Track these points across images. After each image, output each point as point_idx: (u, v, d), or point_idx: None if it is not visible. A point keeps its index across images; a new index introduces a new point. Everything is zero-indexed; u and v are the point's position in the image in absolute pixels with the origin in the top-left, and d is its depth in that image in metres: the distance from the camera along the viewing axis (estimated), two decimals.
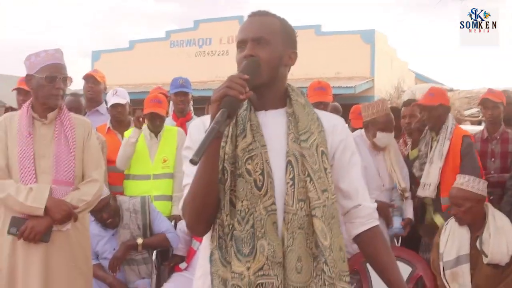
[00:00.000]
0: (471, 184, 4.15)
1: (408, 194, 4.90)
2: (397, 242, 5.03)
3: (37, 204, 3.30)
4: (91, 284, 3.71)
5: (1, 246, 3.37)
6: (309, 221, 1.90)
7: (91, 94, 6.12)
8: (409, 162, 5.15)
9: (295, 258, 1.86)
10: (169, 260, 4.81)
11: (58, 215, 3.35)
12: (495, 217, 4.15)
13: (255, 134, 1.92)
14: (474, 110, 12.81)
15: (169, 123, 5.55)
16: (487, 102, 5.28)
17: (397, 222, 4.77)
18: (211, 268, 1.91)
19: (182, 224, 4.81)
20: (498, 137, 5.16)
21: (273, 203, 1.87)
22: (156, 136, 5.23)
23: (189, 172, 1.94)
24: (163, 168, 5.11)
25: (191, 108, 6.02)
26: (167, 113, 5.84)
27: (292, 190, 1.89)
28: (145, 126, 5.28)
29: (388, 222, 4.67)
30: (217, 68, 17.45)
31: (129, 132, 5.31)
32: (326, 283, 1.87)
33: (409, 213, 4.90)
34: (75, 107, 5.07)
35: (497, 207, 4.40)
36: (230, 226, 1.87)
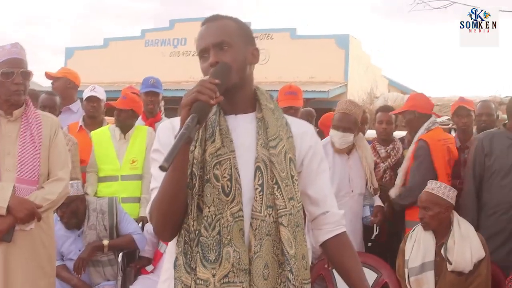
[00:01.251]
0: (442, 190, 4.20)
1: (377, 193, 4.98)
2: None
3: (0, 203, 3.24)
4: (54, 285, 3.65)
5: None
6: (276, 228, 1.89)
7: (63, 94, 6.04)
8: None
9: (262, 264, 1.85)
10: (135, 262, 4.76)
11: (21, 214, 3.30)
12: (460, 224, 4.18)
13: (224, 139, 1.89)
14: (445, 118, 12.90)
15: (138, 123, 5.50)
16: (461, 110, 5.36)
17: (366, 211, 4.86)
18: (175, 274, 1.89)
19: (149, 226, 4.77)
20: (470, 146, 5.11)
21: (240, 209, 1.85)
22: (125, 135, 5.18)
23: (157, 176, 1.91)
24: (131, 169, 5.07)
25: (162, 108, 5.97)
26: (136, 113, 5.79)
27: (261, 196, 1.88)
28: (113, 125, 5.23)
29: None
30: (192, 68, 17.32)
31: (99, 131, 5.26)
32: None
33: (378, 202, 4.97)
34: (50, 106, 5.01)
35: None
36: (197, 232, 1.85)
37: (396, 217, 5.06)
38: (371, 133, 6.29)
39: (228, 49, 1.94)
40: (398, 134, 6.13)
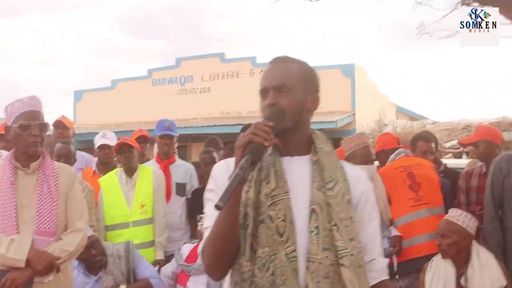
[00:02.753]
0: (462, 219, 4.21)
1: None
2: None
3: (18, 256, 3.27)
4: None
5: None
6: (335, 270, 1.88)
7: (61, 140, 6.13)
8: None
9: None
10: None
11: (39, 267, 3.31)
12: (479, 253, 4.17)
13: (278, 180, 1.92)
14: (455, 142, 12.92)
15: (153, 166, 5.54)
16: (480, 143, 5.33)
17: (385, 243, 4.89)
18: None
19: (166, 269, 4.79)
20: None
21: (294, 250, 1.86)
22: (131, 177, 5.21)
23: (210, 215, 1.94)
24: (141, 214, 5.10)
25: (175, 150, 6.03)
26: (141, 151, 5.85)
27: (317, 239, 1.88)
28: (119, 170, 5.27)
29: None
30: (199, 105, 17.52)
31: (107, 177, 5.30)
32: None
33: (395, 232, 4.97)
34: (65, 154, 5.08)
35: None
36: (250, 272, 1.86)
37: None
38: None
39: (287, 93, 1.99)
40: None
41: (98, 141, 5.72)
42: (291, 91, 1.99)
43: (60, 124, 6.44)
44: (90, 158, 6.42)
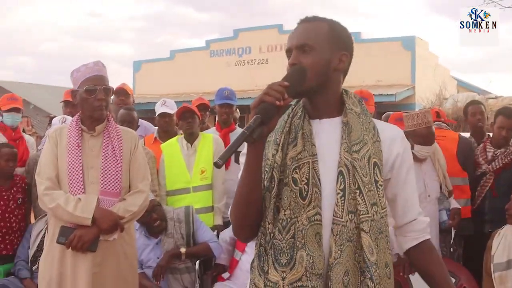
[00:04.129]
0: None
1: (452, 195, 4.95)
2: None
3: (85, 214, 3.37)
4: None
5: (51, 255, 3.46)
6: (358, 234, 1.85)
7: (122, 106, 6.24)
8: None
9: (342, 271, 1.82)
10: (211, 270, 4.85)
11: (105, 225, 3.41)
12: None
13: (305, 143, 1.90)
14: None
15: (213, 133, 5.61)
16: None
17: (443, 216, 4.82)
18: (251, 275, 1.93)
19: (224, 234, 4.86)
20: None
21: (318, 213, 1.84)
22: (192, 144, 5.28)
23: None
24: (201, 179, 5.16)
25: (237, 118, 6.05)
26: (201, 119, 5.91)
27: (342, 201, 1.85)
28: (181, 137, 5.35)
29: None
30: (257, 76, 17.50)
31: (168, 143, 5.39)
32: None
33: (454, 204, 4.94)
34: (128, 120, 5.19)
35: None
36: (272, 234, 1.86)
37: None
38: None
39: (310, 52, 1.93)
40: None
41: (158, 109, 5.80)
42: (314, 50, 1.93)
43: (121, 91, 6.53)
44: (149, 126, 6.53)
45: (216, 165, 1.65)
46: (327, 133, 1.95)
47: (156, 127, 6.02)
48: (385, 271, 1.88)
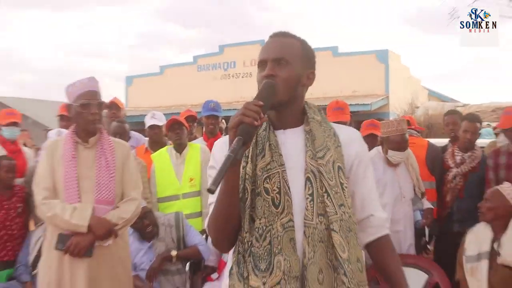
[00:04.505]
0: (508, 191, 4.23)
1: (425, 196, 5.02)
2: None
3: (81, 222, 3.38)
4: None
5: (50, 261, 3.46)
6: (329, 234, 1.85)
7: (114, 119, 6.24)
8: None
9: (316, 270, 1.83)
10: (201, 271, 4.84)
11: (100, 232, 3.43)
12: None
13: (273, 153, 1.89)
14: (485, 123, 12.71)
15: (200, 143, 5.62)
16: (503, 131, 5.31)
17: (417, 216, 4.88)
18: (229, 282, 1.91)
19: None
20: None
21: (291, 220, 1.84)
22: (181, 154, 5.28)
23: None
24: (190, 187, 5.15)
25: (223, 127, 6.08)
26: (189, 130, 5.91)
27: (312, 205, 1.86)
28: (170, 147, 5.36)
29: None
30: (241, 89, 17.53)
31: (158, 153, 5.39)
32: None
33: (427, 204, 5.02)
34: (120, 132, 5.21)
35: None
36: (249, 242, 1.86)
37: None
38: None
39: (286, 65, 1.92)
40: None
41: (148, 122, 5.81)
42: (289, 64, 1.92)
43: (113, 105, 6.56)
44: (140, 137, 6.53)
45: (210, 191, 1.63)
46: (291, 143, 1.96)
47: (147, 138, 6.03)
48: (357, 265, 1.90)
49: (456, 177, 5.20)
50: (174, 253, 4.62)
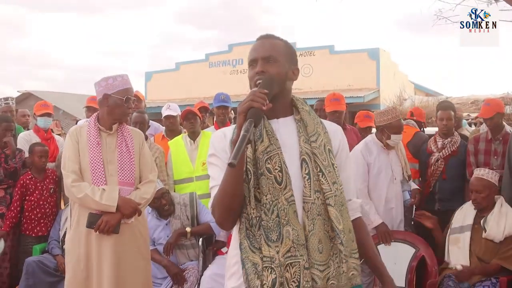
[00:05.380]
0: (489, 175, 4.31)
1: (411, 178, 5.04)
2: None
3: (111, 203, 3.36)
4: (150, 265, 3.76)
5: (78, 237, 3.43)
6: (325, 208, 1.88)
7: (135, 110, 6.22)
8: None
9: (316, 240, 1.85)
10: (212, 245, 4.83)
11: (127, 211, 3.43)
12: (502, 205, 4.28)
13: (271, 138, 1.90)
14: (465, 114, 12.68)
15: (212, 131, 5.58)
16: (484, 120, 5.33)
17: (406, 195, 4.93)
18: (242, 255, 1.88)
19: None
20: (501, 138, 5.06)
21: (292, 195, 1.85)
22: (194, 141, 5.26)
23: (214, 176, 1.95)
24: (203, 170, 5.11)
25: (232, 117, 6.04)
26: (202, 119, 5.88)
27: (309, 183, 1.88)
28: (185, 135, 5.33)
29: (385, 241, 4.59)
30: (248, 84, 17.40)
31: (174, 141, 5.36)
32: (343, 260, 1.86)
33: (414, 186, 5.07)
34: (140, 122, 5.17)
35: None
36: (258, 217, 1.85)
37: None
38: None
39: (274, 63, 1.95)
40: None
41: (164, 112, 5.78)
42: (277, 62, 1.96)
43: (135, 97, 6.53)
44: (158, 126, 6.50)
45: (231, 165, 1.63)
46: (285, 129, 1.97)
47: (164, 127, 6.00)
48: (349, 236, 1.94)
49: (438, 161, 5.17)
50: (188, 229, 4.61)
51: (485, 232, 4.14)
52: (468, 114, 12.87)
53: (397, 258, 4.39)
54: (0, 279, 5.11)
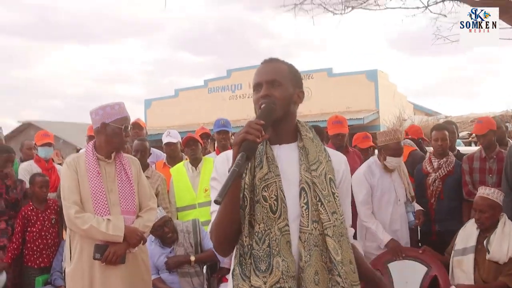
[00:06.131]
0: (495, 195, 4.25)
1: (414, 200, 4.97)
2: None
3: (118, 233, 3.33)
4: None
5: (80, 268, 3.37)
6: (323, 239, 1.85)
7: (136, 137, 6.20)
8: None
9: (312, 272, 1.82)
10: (217, 272, 4.76)
11: (134, 240, 3.41)
12: (505, 224, 4.21)
13: (270, 165, 1.88)
14: (465, 133, 12.68)
15: (214, 157, 5.57)
16: (477, 137, 5.34)
17: (410, 217, 4.85)
18: (233, 282, 1.88)
19: None
20: (495, 156, 5.11)
21: (287, 224, 1.83)
22: (196, 167, 5.24)
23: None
24: (205, 197, 5.09)
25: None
26: (204, 145, 5.87)
27: (307, 213, 1.85)
28: (186, 162, 5.32)
29: (397, 256, 4.53)
30: (248, 109, 17.46)
31: (176, 168, 5.34)
32: None
33: (418, 207, 4.99)
34: (141, 150, 5.16)
35: None
36: (249, 246, 1.83)
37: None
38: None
39: (278, 87, 1.94)
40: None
41: (164, 140, 5.78)
42: (281, 85, 1.95)
43: (136, 125, 6.56)
44: (159, 153, 6.50)
45: (217, 202, 1.64)
46: (286, 156, 1.96)
47: (165, 154, 6.00)
48: (350, 267, 1.90)
49: (436, 181, 5.17)
50: (193, 258, 4.57)
51: (488, 253, 4.08)
52: (468, 133, 12.86)
53: (408, 277, 4.34)
54: None
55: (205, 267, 4.61)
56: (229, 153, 2.01)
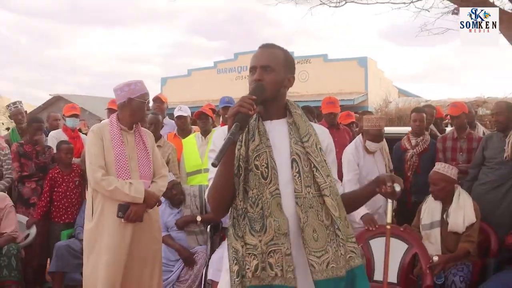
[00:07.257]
0: (446, 169, 4.19)
1: None
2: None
3: (139, 195, 3.36)
4: (161, 247, 3.76)
5: (101, 224, 3.40)
6: (317, 200, 1.85)
7: (158, 111, 6.16)
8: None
9: (311, 230, 1.82)
10: (219, 232, 4.79)
11: (152, 202, 3.46)
12: (459, 196, 4.16)
13: (262, 138, 1.88)
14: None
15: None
16: (451, 118, 5.44)
17: None
18: (227, 241, 1.89)
19: None
20: (465, 137, 5.19)
21: (277, 188, 1.83)
22: (205, 137, 5.22)
23: (212, 169, 1.91)
24: None
25: None
26: (213, 120, 5.84)
27: (299, 180, 1.86)
28: (198, 133, 5.30)
29: (371, 226, 4.30)
30: None
31: (188, 139, 5.33)
32: (340, 244, 1.84)
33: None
34: (155, 123, 5.13)
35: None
36: (243, 209, 1.83)
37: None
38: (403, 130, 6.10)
39: (271, 72, 1.92)
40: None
41: (175, 113, 5.74)
42: (274, 71, 1.92)
43: (158, 99, 6.49)
44: (175, 124, 6.45)
45: (214, 165, 1.66)
46: (277, 131, 1.95)
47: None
48: (345, 222, 1.91)
49: (413, 157, 5.19)
50: (199, 218, 4.58)
51: (448, 225, 4.05)
52: (446, 115, 12.78)
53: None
54: (32, 260, 5.10)
55: (209, 226, 4.63)
56: (226, 128, 2.00)
